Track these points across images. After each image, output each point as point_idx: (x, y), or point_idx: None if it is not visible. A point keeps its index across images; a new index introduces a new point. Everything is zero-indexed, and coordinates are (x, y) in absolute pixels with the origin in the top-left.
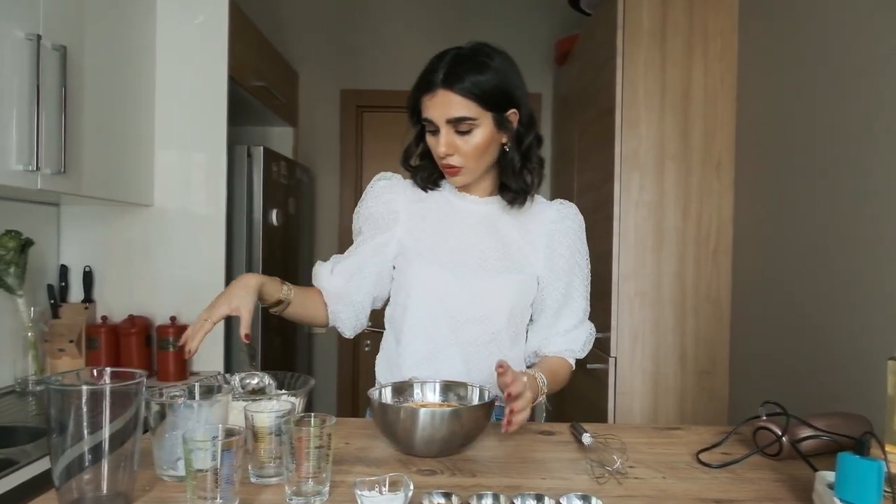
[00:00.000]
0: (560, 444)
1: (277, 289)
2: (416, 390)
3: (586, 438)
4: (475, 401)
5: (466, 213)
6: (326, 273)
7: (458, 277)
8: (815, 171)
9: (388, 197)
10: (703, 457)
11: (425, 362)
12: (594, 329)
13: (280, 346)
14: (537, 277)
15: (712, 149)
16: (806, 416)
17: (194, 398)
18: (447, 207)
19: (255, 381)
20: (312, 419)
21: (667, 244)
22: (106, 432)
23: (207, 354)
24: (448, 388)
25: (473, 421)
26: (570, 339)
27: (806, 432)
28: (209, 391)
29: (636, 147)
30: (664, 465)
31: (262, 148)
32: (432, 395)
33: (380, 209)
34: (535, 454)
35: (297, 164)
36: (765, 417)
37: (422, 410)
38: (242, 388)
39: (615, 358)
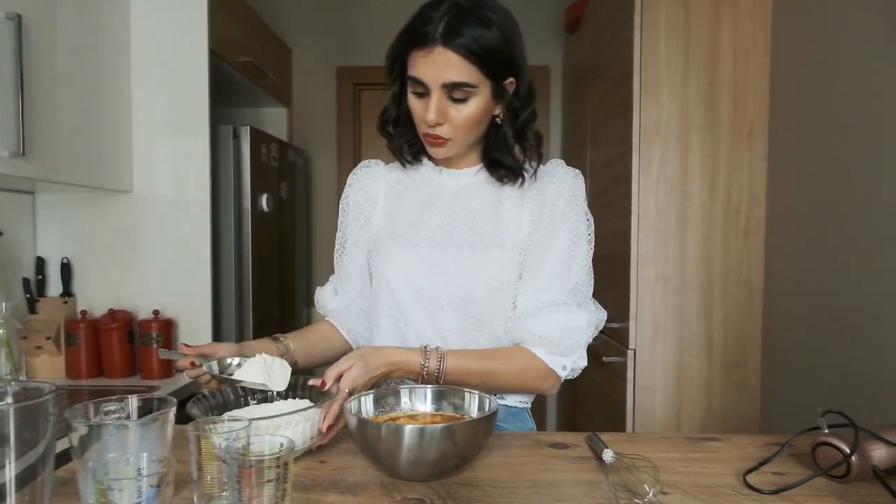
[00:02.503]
0: (576, 462)
1: (267, 347)
2: (404, 398)
3: (607, 455)
4: (474, 411)
5: (442, 189)
6: (329, 295)
7: (426, 258)
8: (859, 141)
9: (366, 184)
10: (751, 479)
11: None
12: (600, 317)
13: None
14: (521, 250)
15: (743, 116)
16: (876, 428)
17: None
18: (423, 183)
19: (236, 361)
20: (267, 443)
21: (691, 224)
22: (10, 468)
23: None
24: (442, 394)
25: (471, 439)
26: (539, 322)
27: (879, 449)
28: (149, 407)
29: (657, 116)
30: (705, 490)
31: (248, 128)
32: (423, 404)
33: (359, 199)
34: (547, 475)
35: (289, 146)
36: (826, 430)
37: (407, 427)
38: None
39: (634, 350)
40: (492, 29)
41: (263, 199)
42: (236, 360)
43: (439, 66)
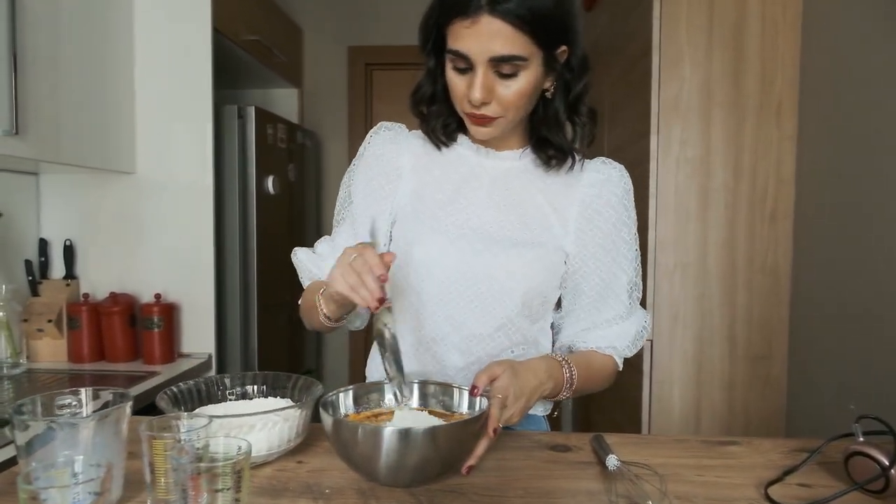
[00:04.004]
0: (577, 468)
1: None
2: (388, 394)
3: (611, 462)
4: (463, 409)
5: (480, 171)
6: (325, 265)
7: (456, 247)
8: (894, 121)
9: (390, 149)
10: (774, 492)
11: (415, 357)
12: (649, 320)
13: (286, 341)
14: (565, 254)
15: (770, 92)
16: None
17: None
18: (458, 163)
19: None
20: (222, 446)
21: (714, 207)
22: None
23: (197, 332)
24: (429, 391)
25: (456, 443)
26: (613, 333)
27: None
28: (105, 402)
29: (677, 93)
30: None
31: (253, 108)
32: (409, 400)
33: (380, 165)
34: (544, 481)
35: (298, 127)
36: (861, 438)
37: (386, 430)
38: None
39: (651, 340)
40: None
41: (269, 182)
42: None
43: (486, 37)
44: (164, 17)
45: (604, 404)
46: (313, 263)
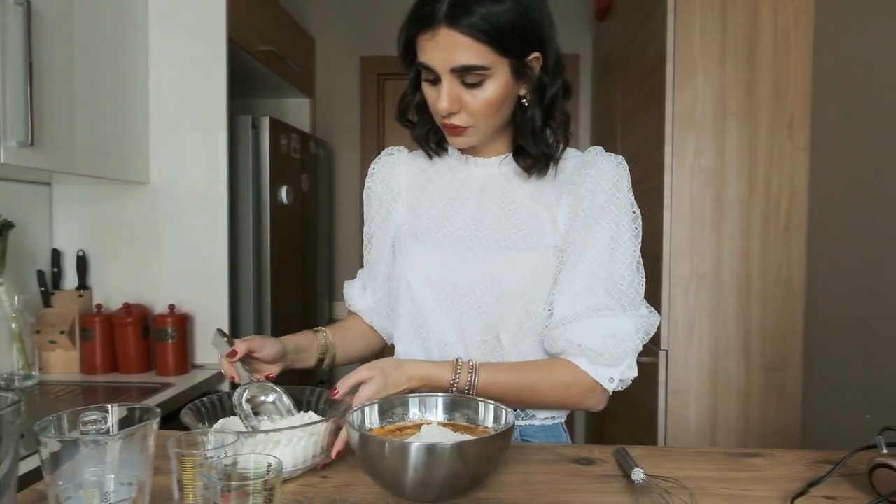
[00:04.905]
0: (603, 480)
1: (310, 340)
2: (413, 408)
3: (637, 475)
4: (489, 423)
5: (470, 180)
6: (358, 292)
7: (451, 258)
8: None
9: (387, 174)
10: None
11: None
12: (651, 321)
13: None
14: (559, 252)
15: (783, 104)
16: None
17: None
18: (449, 174)
19: (270, 398)
20: (253, 463)
21: (728, 218)
22: None
23: (211, 345)
24: (455, 404)
25: (484, 457)
26: (580, 330)
27: None
28: (131, 418)
29: (691, 104)
30: None
31: (267, 118)
32: (434, 414)
33: (380, 191)
34: (571, 495)
35: (311, 137)
36: (885, 450)
37: (413, 445)
38: (251, 410)
39: (667, 351)
40: (504, 1)
41: (283, 192)
42: (269, 396)
43: (446, 49)
44: (179, 27)
45: (619, 415)
46: (349, 296)
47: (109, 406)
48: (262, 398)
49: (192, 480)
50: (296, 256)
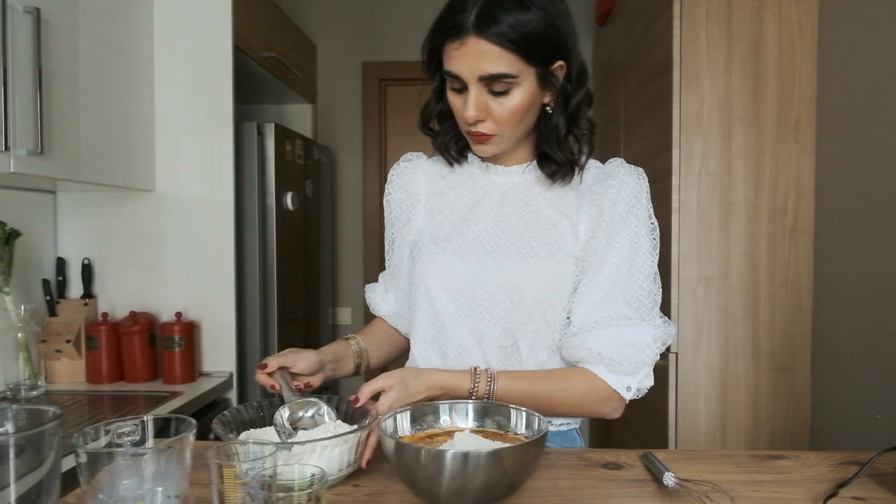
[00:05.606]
0: (633, 485)
1: (345, 348)
2: (444, 415)
3: (668, 479)
4: (521, 430)
5: (491, 188)
6: (381, 296)
7: (470, 265)
8: None
9: (407, 180)
10: None
11: None
12: (668, 331)
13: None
14: (578, 261)
15: (789, 108)
16: None
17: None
18: (470, 182)
19: (309, 412)
20: (297, 473)
21: (736, 221)
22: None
23: (218, 351)
24: (486, 410)
25: (520, 465)
26: (599, 338)
27: None
28: (167, 425)
29: (698, 109)
30: None
31: (273, 124)
32: (464, 421)
33: (399, 197)
34: (604, 500)
35: (314, 143)
36: None
37: (449, 453)
38: (292, 426)
39: (676, 353)
40: (531, 10)
41: (288, 198)
42: (308, 411)
43: (474, 57)
44: (184, 34)
45: (628, 416)
46: (372, 300)
47: (146, 417)
48: (301, 413)
49: (233, 492)
50: (299, 262)
